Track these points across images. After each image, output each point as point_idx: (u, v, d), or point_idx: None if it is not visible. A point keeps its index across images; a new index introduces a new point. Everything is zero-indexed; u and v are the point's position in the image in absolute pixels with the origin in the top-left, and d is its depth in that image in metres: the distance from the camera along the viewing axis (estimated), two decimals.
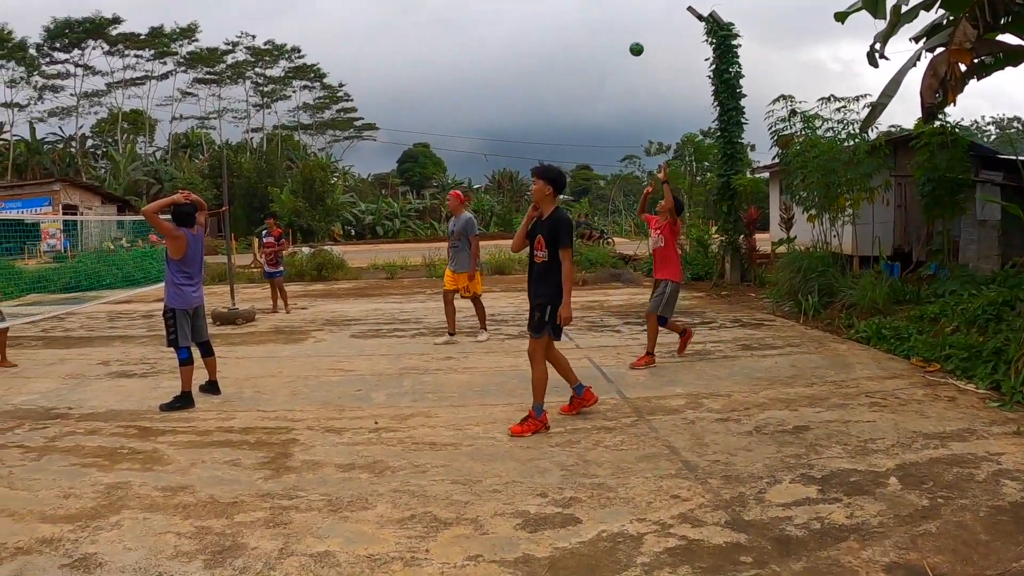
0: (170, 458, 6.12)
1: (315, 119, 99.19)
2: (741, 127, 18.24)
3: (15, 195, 50.09)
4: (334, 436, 6.57)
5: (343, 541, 4.39)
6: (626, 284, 19.74)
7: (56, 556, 4.32)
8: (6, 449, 6.55)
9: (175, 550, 4.34)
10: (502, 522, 4.58)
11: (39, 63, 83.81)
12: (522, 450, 5.99)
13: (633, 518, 4.55)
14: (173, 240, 7.86)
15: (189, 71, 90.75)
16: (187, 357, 7.90)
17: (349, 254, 29.21)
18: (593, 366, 9.14)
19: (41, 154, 79.00)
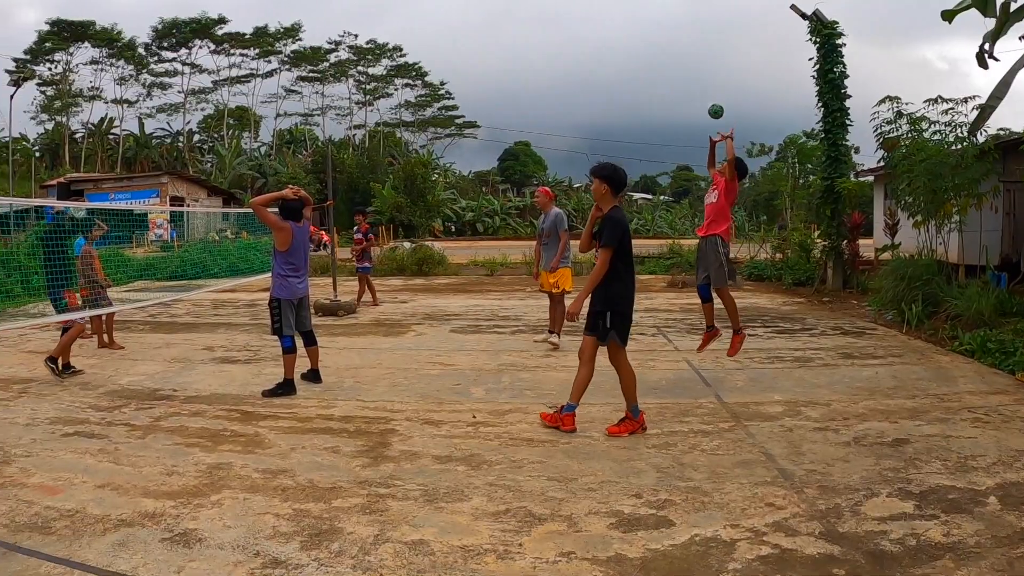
0: (271, 442, 6.28)
1: (417, 116, 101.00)
2: (846, 129, 17.66)
3: (125, 187, 52.62)
4: (432, 428, 6.62)
5: (438, 531, 4.40)
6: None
7: (157, 530, 4.47)
8: (113, 427, 6.84)
9: (273, 530, 4.43)
10: (596, 520, 4.52)
11: (148, 62, 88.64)
12: (618, 450, 5.91)
13: (727, 524, 4.44)
14: (279, 232, 8.10)
15: (293, 69, 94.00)
16: (290, 345, 8.11)
17: (449, 250, 29.52)
18: (691, 369, 8.99)
19: (150, 148, 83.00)
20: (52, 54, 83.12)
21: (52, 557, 4.14)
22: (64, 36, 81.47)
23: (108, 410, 7.47)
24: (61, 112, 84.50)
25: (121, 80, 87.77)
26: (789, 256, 20.92)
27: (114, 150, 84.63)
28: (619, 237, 6.26)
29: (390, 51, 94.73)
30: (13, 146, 64.15)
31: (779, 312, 14.29)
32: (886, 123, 14.31)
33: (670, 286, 19.83)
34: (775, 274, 20.52)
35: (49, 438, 6.50)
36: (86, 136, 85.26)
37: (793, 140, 23.79)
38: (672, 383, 8.26)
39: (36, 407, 7.64)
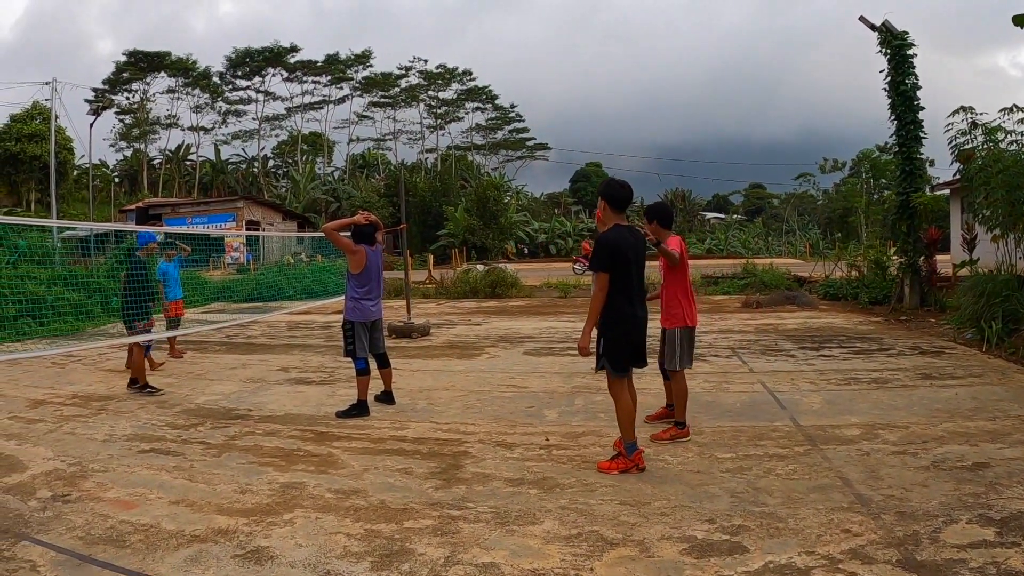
0: (344, 463, 6.32)
1: (488, 139, 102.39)
2: (920, 142, 17.23)
3: (202, 211, 54.19)
4: (505, 451, 6.58)
5: (509, 554, 4.36)
6: (801, 307, 18.95)
7: (230, 547, 4.53)
8: (189, 444, 6.99)
9: (344, 550, 4.44)
10: (668, 546, 4.43)
11: (222, 90, 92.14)
12: (692, 474, 5.80)
13: (801, 550, 4.31)
14: (353, 255, 8.23)
15: (364, 95, 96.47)
16: (364, 367, 8.19)
17: (522, 272, 29.59)
18: (766, 391, 8.78)
19: (225, 173, 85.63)
20: (130, 84, 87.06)
21: (125, 570, 4.25)
22: (141, 67, 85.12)
23: (184, 428, 7.64)
24: (139, 139, 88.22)
25: (197, 108, 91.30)
26: (865, 274, 20.43)
27: (191, 176, 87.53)
28: (607, 260, 5.83)
29: (460, 75, 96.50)
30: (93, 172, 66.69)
31: (855, 332, 13.92)
32: (960, 134, 13.98)
33: (744, 306, 19.50)
34: (851, 293, 20.05)
35: (126, 454, 6.68)
36: (163, 162, 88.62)
37: (867, 155, 23.35)
38: (747, 405, 8.08)
39: (114, 424, 7.87)
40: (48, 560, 4.40)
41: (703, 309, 18.90)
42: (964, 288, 13.59)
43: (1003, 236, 13.06)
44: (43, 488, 5.77)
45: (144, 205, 57.98)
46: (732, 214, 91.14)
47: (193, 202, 62.24)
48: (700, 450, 6.41)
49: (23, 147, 59.44)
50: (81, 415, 8.38)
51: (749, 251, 59.55)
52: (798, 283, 23.42)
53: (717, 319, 16.69)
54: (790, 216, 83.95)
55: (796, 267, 30.26)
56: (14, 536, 4.79)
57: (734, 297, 22.23)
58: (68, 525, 4.95)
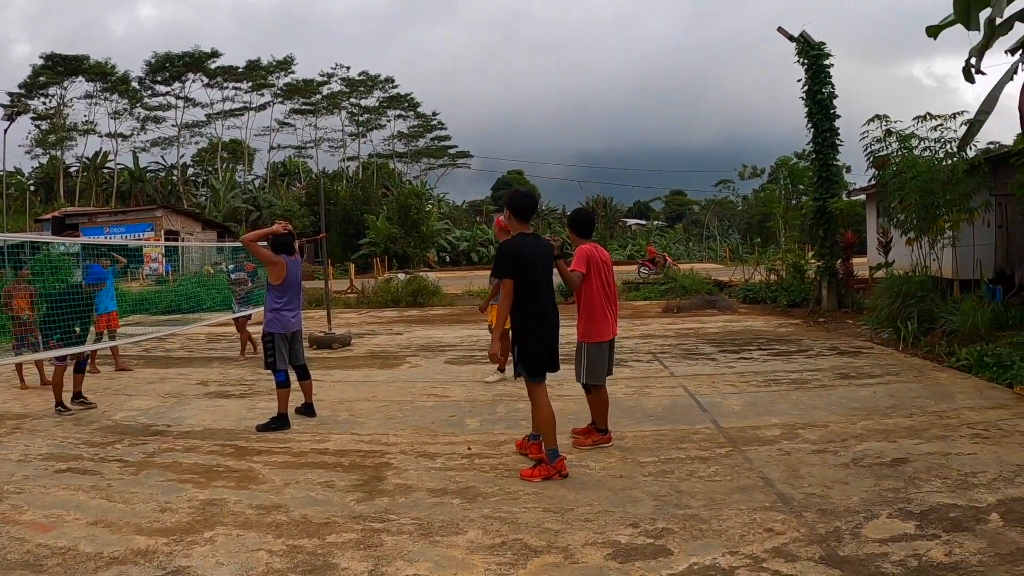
0: (265, 477, 6.26)
1: (410, 147, 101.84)
2: (836, 148, 17.93)
3: (120, 220, 52.72)
4: (427, 461, 6.60)
5: (433, 565, 4.38)
6: (721, 311, 19.39)
7: (150, 568, 4.45)
8: (106, 463, 6.83)
9: (266, 567, 4.41)
10: (593, 551, 4.51)
11: (141, 95, 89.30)
12: (615, 479, 5.90)
13: (725, 551, 4.42)
14: (272, 266, 8.16)
15: (286, 102, 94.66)
16: (284, 379, 8.12)
17: (444, 280, 29.56)
18: (688, 395, 8.98)
19: (144, 182, 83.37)
20: (46, 88, 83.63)
21: None
22: (58, 70, 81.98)
23: (101, 446, 7.46)
24: (56, 146, 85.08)
25: (115, 114, 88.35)
26: (784, 278, 20.99)
27: (109, 184, 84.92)
28: (508, 267, 5.91)
29: (382, 83, 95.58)
30: (8, 180, 64.45)
31: (775, 334, 14.32)
32: (876, 141, 14.50)
33: (665, 311, 19.88)
34: (770, 296, 20.59)
35: (42, 474, 6.50)
36: (81, 170, 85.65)
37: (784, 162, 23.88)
38: (668, 409, 8.25)
39: (29, 443, 7.64)
40: None
41: (624, 315, 19.14)
42: (880, 289, 14.05)
43: (917, 239, 13.55)
44: None
45: (60, 214, 55.97)
46: (653, 220, 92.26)
47: (111, 211, 60.37)
48: (622, 455, 6.52)
49: None
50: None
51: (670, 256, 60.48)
52: (718, 287, 23.91)
53: (638, 324, 16.96)
54: (710, 222, 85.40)
55: (716, 271, 30.90)
56: None
57: (655, 302, 22.60)
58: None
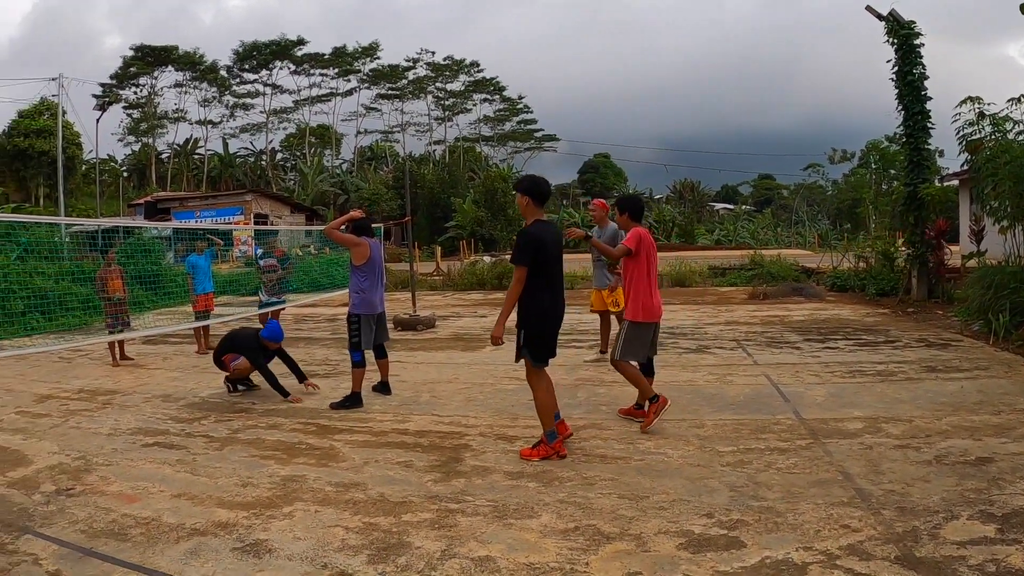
0: (345, 456, 6.39)
1: (496, 131, 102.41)
2: (927, 132, 17.11)
3: (210, 205, 54.32)
4: (506, 444, 6.63)
5: (505, 548, 4.40)
6: (808, 298, 18.87)
7: (229, 540, 4.60)
8: (192, 438, 7.07)
9: (342, 543, 4.50)
10: (665, 540, 4.44)
11: (230, 83, 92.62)
12: (692, 468, 5.80)
13: (799, 546, 4.29)
14: (356, 248, 8.37)
15: (372, 87, 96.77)
16: (360, 360, 8.30)
17: None
18: (770, 384, 8.78)
19: (234, 167, 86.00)
20: (137, 78, 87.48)
21: (125, 563, 4.32)
22: (148, 61, 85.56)
23: (188, 422, 7.73)
24: (147, 134, 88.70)
25: (205, 102, 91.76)
26: (872, 265, 20.36)
27: (199, 169, 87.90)
28: (529, 254, 6.09)
29: (467, 67, 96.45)
30: (102, 167, 67.24)
31: (862, 324, 13.89)
32: (968, 125, 13.91)
33: (751, 298, 19.48)
34: (858, 284, 19.95)
35: (130, 448, 6.78)
36: (172, 156, 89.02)
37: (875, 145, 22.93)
38: (750, 398, 8.09)
39: (119, 418, 7.97)
40: (50, 553, 4.48)
41: (709, 301, 18.99)
42: (972, 280, 13.47)
43: (1011, 228, 12.98)
44: (47, 482, 5.86)
45: (153, 199, 58.10)
46: (741, 205, 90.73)
47: (201, 196, 62.30)
48: (701, 443, 6.42)
49: (31, 143, 60.23)
50: (87, 409, 8.48)
51: (758, 242, 59.35)
52: (805, 274, 23.30)
53: (723, 311, 16.69)
54: (799, 207, 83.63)
55: (804, 258, 30.20)
56: (18, 530, 4.87)
57: (741, 288, 22.20)
58: (71, 519, 5.03)
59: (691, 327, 13.92)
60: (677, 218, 72.43)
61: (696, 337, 12.55)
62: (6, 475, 6.10)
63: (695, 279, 23.98)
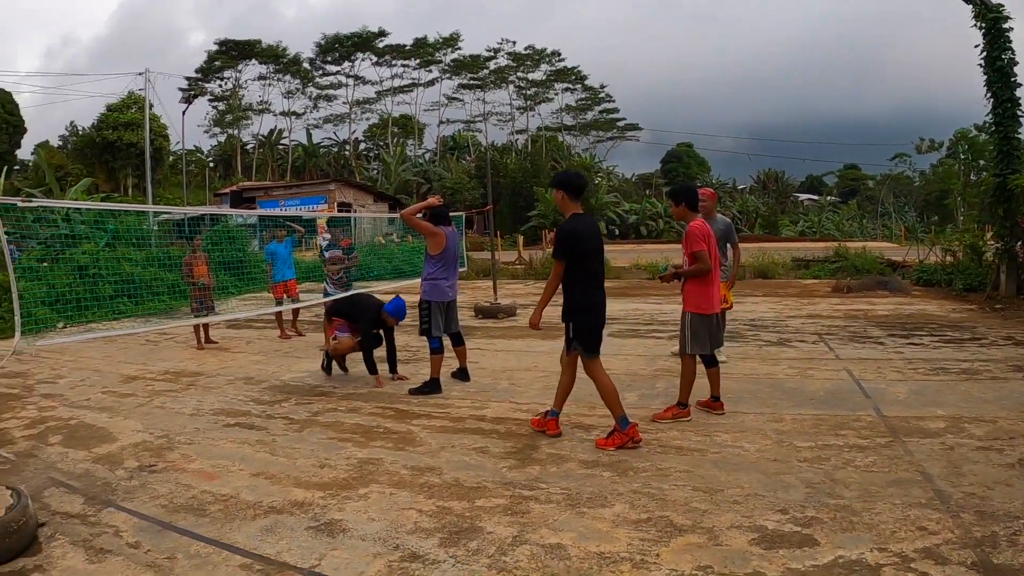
0: (422, 440, 6.44)
1: (578, 120, 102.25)
2: (1017, 120, 16.26)
3: (294, 194, 55.41)
4: (582, 432, 6.58)
5: (576, 536, 4.37)
6: (893, 293, 18.24)
7: (305, 518, 4.69)
8: (272, 420, 7.23)
9: (415, 525, 4.53)
10: (737, 535, 4.36)
11: (313, 75, 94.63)
12: (769, 462, 5.67)
13: (874, 547, 4.16)
14: (432, 237, 8.40)
15: (454, 77, 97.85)
16: (438, 346, 8.35)
17: (612, 253, 29.28)
18: (851, 379, 8.51)
19: (317, 157, 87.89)
20: (222, 72, 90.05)
21: (203, 537, 4.45)
22: (232, 55, 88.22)
23: (269, 404, 7.91)
24: (232, 125, 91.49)
25: (288, 94, 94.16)
26: (960, 260, 19.60)
27: (283, 159, 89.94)
28: (565, 248, 6.18)
29: (549, 56, 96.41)
30: (188, 157, 69.52)
31: (947, 320, 13.37)
32: None
33: (834, 291, 18.96)
34: (945, 279, 19.24)
35: (211, 428, 6.97)
36: (256, 147, 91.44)
37: (963, 134, 22.02)
38: (830, 394, 7.85)
39: (202, 399, 8.20)
40: (131, 526, 4.64)
41: (792, 293, 18.59)
42: None
43: None
44: (130, 458, 6.07)
45: (238, 188, 59.54)
46: (826, 195, 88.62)
47: (286, 185, 63.57)
48: (779, 438, 6.28)
49: (120, 135, 62.59)
50: (171, 390, 8.75)
51: (842, 234, 57.88)
52: (891, 268, 22.64)
53: (806, 304, 16.31)
54: (885, 198, 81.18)
55: (889, 251, 29.36)
56: (101, 503, 5.06)
57: (824, 281, 21.69)
58: (152, 494, 5.20)
59: (773, 320, 13.66)
60: (761, 208, 71.30)
61: (777, 330, 12.30)
62: (92, 451, 6.35)
63: (778, 271, 23.57)
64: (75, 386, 9.16)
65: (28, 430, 7.13)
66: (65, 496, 5.26)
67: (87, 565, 4.18)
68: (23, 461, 6.15)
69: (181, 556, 4.23)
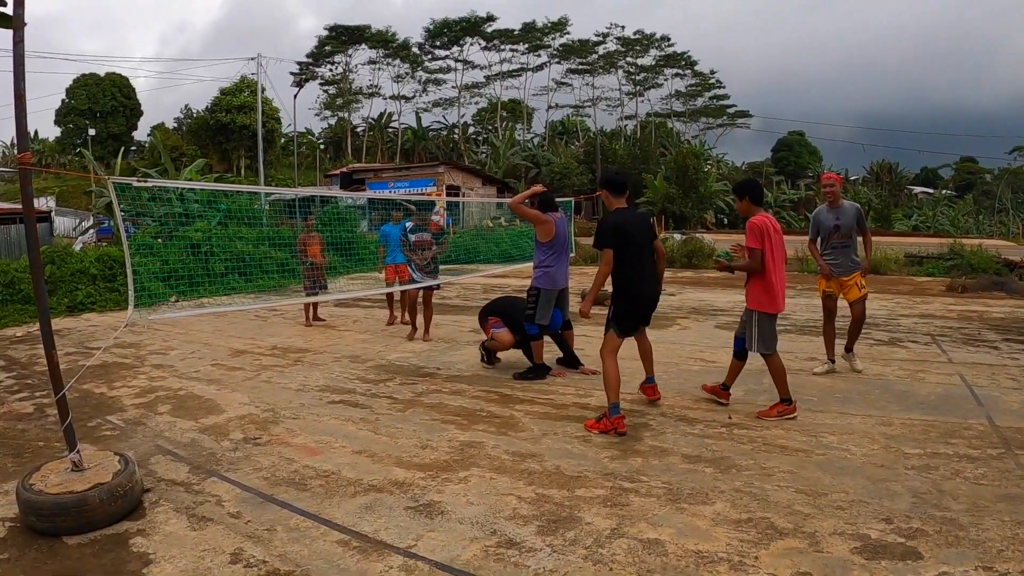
0: (524, 426, 6.41)
1: (687, 107, 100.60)
2: None
3: (403, 176, 56.13)
4: (685, 426, 6.44)
5: (675, 532, 4.27)
6: (1011, 294, 17.24)
7: (404, 498, 4.72)
8: (376, 398, 7.31)
9: (513, 512, 4.51)
10: (839, 542, 4.18)
11: (422, 60, 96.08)
12: (875, 468, 5.42)
13: (979, 564, 3.93)
14: (541, 225, 8.34)
15: (562, 62, 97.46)
16: (537, 333, 8.31)
17: (720, 243, 28.75)
18: (964, 385, 8.06)
19: (426, 140, 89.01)
20: (332, 56, 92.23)
21: (303, 511, 4.54)
22: (342, 40, 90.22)
23: (374, 383, 8.01)
24: (343, 108, 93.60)
25: (398, 78, 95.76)
26: None
27: (393, 142, 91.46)
28: (609, 238, 6.62)
29: (658, 41, 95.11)
30: (299, 140, 71.42)
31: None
32: None
33: (949, 290, 18.10)
34: None
35: (316, 404, 7.11)
36: (366, 130, 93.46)
37: None
38: (941, 398, 7.45)
39: (308, 375, 8.38)
40: (233, 496, 4.77)
41: (904, 291, 17.86)
42: None
43: None
44: (236, 431, 6.26)
45: (348, 170, 60.56)
46: (941, 189, 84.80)
47: (395, 167, 64.43)
48: (887, 443, 6.00)
49: (233, 118, 65.15)
50: (278, 365, 8.97)
51: (958, 230, 55.49)
52: (1008, 268, 21.56)
53: (918, 302, 15.63)
54: (1003, 194, 77.18)
55: (1007, 250, 27.98)
56: (205, 472, 5.23)
57: (938, 279, 20.79)
58: (255, 466, 5.34)
59: (884, 318, 13.13)
60: (873, 201, 68.88)
61: (889, 329, 11.81)
62: (199, 421, 6.57)
63: (890, 267, 22.72)
64: (185, 358, 9.50)
65: (138, 399, 7.44)
66: (171, 464, 5.46)
67: (188, 532, 4.32)
68: (132, 428, 6.42)
69: (280, 528, 4.32)
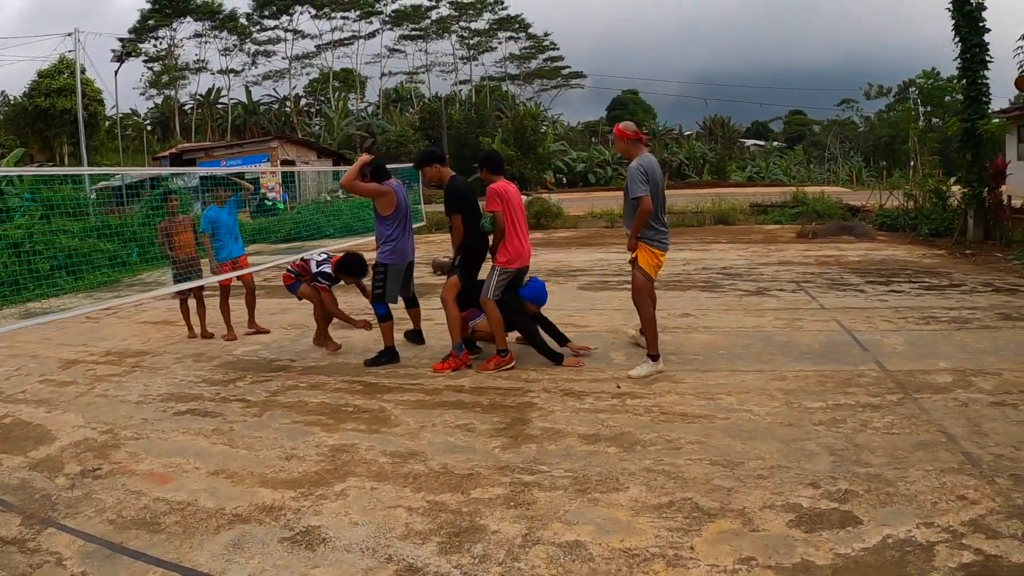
0: (397, 419, 5.82)
1: (522, 69, 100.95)
2: (986, 65, 16.07)
3: (236, 153, 53.85)
4: (574, 401, 6.03)
5: (595, 529, 3.85)
6: (858, 238, 18.05)
7: (276, 527, 4.04)
8: (227, 403, 6.51)
9: (406, 528, 3.94)
10: (773, 516, 3.90)
11: (250, 31, 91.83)
12: (783, 428, 5.22)
13: (919, 522, 3.77)
14: (382, 197, 7.62)
15: (395, 28, 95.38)
16: (386, 313, 7.68)
17: (564, 202, 28.81)
18: (843, 330, 8.09)
19: (258, 114, 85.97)
20: (156, 31, 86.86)
21: (161, 561, 3.77)
22: (166, 13, 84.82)
23: (223, 384, 7.19)
24: (169, 86, 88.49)
25: (225, 51, 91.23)
26: (923, 205, 19.44)
27: (223, 119, 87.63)
28: (456, 203, 7.47)
29: (491, 4, 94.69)
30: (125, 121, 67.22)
31: (921, 266, 13.10)
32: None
33: (799, 237, 18.72)
34: (909, 224, 19.12)
35: (161, 417, 6.22)
36: (195, 107, 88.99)
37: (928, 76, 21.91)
38: (826, 347, 7.42)
39: (149, 382, 7.42)
40: (76, 551, 3.92)
41: (757, 239, 18.25)
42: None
43: None
44: (72, 462, 5.28)
45: (178, 151, 57.60)
46: (772, 141, 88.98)
47: (227, 144, 61.76)
48: (787, 399, 5.84)
49: (53, 102, 60.31)
50: (114, 374, 7.91)
51: (791, 179, 58.43)
52: (851, 213, 22.62)
53: (774, 250, 15.98)
54: (831, 143, 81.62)
55: (844, 196, 29.40)
56: (40, 522, 4.30)
57: (786, 227, 21.48)
58: (98, 506, 4.46)
59: (745, 267, 13.28)
60: (708, 155, 71.36)
61: (753, 278, 11.91)
62: (28, 455, 5.51)
63: (737, 216, 23.38)
64: (10, 376, 8.21)
65: None
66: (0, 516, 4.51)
67: None
68: None
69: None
